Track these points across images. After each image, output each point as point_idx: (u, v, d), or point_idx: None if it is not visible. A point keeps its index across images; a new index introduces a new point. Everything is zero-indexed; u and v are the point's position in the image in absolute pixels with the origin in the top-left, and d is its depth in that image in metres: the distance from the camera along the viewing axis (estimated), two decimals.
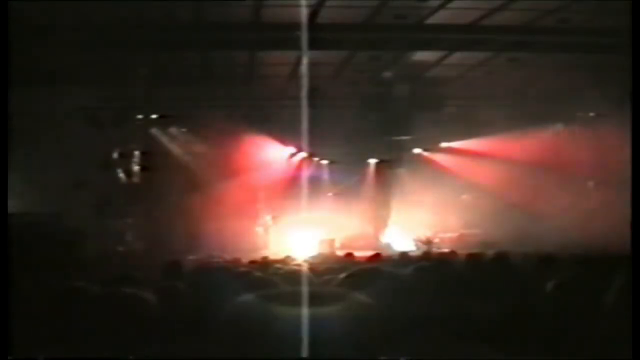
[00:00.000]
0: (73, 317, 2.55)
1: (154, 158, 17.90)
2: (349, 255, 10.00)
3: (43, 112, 15.63)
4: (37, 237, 11.10)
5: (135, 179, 17.63)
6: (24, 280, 3.81)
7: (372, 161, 19.56)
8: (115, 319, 2.51)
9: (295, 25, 13.19)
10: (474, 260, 7.66)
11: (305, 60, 15.61)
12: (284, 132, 18.10)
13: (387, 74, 17.19)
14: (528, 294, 3.14)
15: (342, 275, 2.35)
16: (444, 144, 19.49)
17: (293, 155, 19.14)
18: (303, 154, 19.16)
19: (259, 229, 18.28)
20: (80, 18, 12.64)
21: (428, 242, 17.15)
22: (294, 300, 1.55)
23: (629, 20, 5.47)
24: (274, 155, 18.92)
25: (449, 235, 18.12)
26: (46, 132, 15.84)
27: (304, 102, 19.27)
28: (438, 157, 19.50)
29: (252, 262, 9.42)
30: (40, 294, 3.16)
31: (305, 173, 19.18)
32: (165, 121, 18.08)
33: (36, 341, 2.40)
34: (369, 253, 10.84)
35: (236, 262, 9.97)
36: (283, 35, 13.70)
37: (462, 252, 11.39)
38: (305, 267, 5.72)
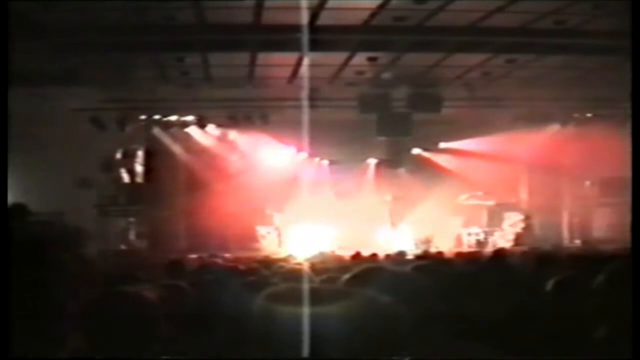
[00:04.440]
0: (75, 316, 2.57)
1: (156, 158, 17.97)
2: (356, 255, 10.03)
3: (46, 112, 15.67)
4: (40, 236, 11.13)
5: (138, 179, 17.70)
6: (26, 280, 3.84)
7: (372, 161, 19.59)
8: (116, 318, 2.53)
9: (295, 27, 13.29)
10: (473, 259, 7.72)
11: (306, 62, 15.68)
12: (284, 132, 18.13)
13: (387, 75, 17.23)
14: (526, 293, 3.18)
15: (347, 275, 2.39)
16: (443, 144, 19.54)
17: (294, 155, 19.18)
18: (303, 155, 19.19)
19: (260, 229, 18.29)
20: (82, 19, 12.67)
21: (427, 242, 17.19)
22: (296, 299, 1.57)
23: (626, 22, 5.52)
24: (274, 155, 18.96)
25: (448, 234, 18.16)
26: (49, 132, 15.88)
27: (305, 103, 19.48)
28: (437, 157, 19.56)
29: (254, 261, 9.46)
30: (43, 293, 3.18)
31: (306, 173, 19.21)
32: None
33: (37, 341, 2.42)
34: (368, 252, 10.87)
35: (238, 261, 10.00)
36: (284, 37, 13.75)
37: (461, 251, 11.48)
38: (306, 266, 5.77)
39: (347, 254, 11.16)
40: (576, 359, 2.41)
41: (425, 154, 19.66)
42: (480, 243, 17.93)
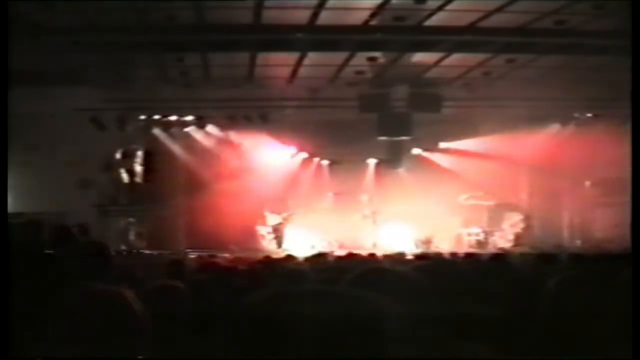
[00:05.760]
0: (74, 316, 2.56)
1: (156, 158, 17.98)
2: (350, 255, 10.03)
3: (46, 112, 15.69)
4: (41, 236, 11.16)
5: (138, 179, 17.71)
6: (26, 280, 3.84)
7: (372, 161, 19.60)
8: (115, 319, 2.53)
9: (295, 27, 13.33)
10: (472, 260, 7.72)
11: (306, 62, 15.71)
12: (284, 132, 18.14)
13: (387, 75, 17.25)
14: (526, 293, 3.18)
15: (349, 275, 2.39)
16: (443, 144, 19.56)
17: (294, 155, 19.19)
18: (304, 155, 19.20)
19: (261, 229, 18.31)
20: (82, 19, 12.68)
21: (427, 242, 17.21)
22: (296, 299, 1.57)
23: (626, 22, 5.53)
24: (275, 155, 18.96)
25: (448, 235, 18.18)
26: (49, 132, 15.90)
27: (305, 103, 19.27)
28: (437, 157, 19.56)
29: (255, 261, 9.46)
30: (43, 293, 3.17)
31: (306, 173, 19.23)
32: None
33: (37, 341, 2.41)
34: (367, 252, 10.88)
35: (238, 261, 10.00)
36: (284, 37, 13.77)
37: (460, 251, 11.50)
38: (306, 267, 5.76)
39: (347, 253, 11.15)
40: (576, 359, 2.41)
41: (425, 154, 19.66)
42: (480, 243, 17.94)
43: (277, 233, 18.14)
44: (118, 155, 17.78)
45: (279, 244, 17.85)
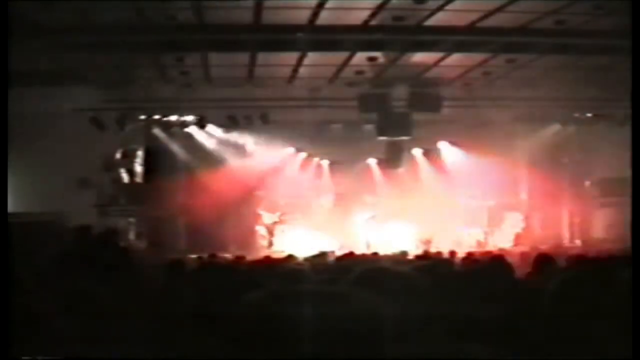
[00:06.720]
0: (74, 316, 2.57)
1: (156, 158, 17.98)
2: (351, 254, 10.05)
3: (45, 112, 15.68)
4: (41, 236, 11.19)
5: (138, 179, 17.71)
6: (27, 279, 3.85)
7: (372, 161, 19.60)
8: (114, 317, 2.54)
9: (295, 27, 13.32)
10: (472, 260, 7.74)
11: (306, 62, 15.70)
12: (285, 132, 18.14)
13: (387, 75, 17.23)
14: (525, 294, 3.18)
15: (350, 275, 2.39)
16: (443, 144, 19.56)
17: (294, 155, 19.19)
18: (304, 155, 19.20)
19: (260, 229, 18.32)
20: (82, 19, 12.67)
21: (427, 242, 17.21)
22: (296, 299, 1.57)
23: (626, 22, 5.54)
24: (275, 155, 18.96)
25: (448, 235, 18.19)
26: (49, 132, 15.90)
27: (305, 103, 19.21)
28: (437, 157, 19.57)
29: (255, 261, 9.48)
30: (43, 293, 3.19)
31: (306, 173, 19.23)
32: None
33: (37, 341, 2.42)
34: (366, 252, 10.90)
35: (239, 261, 10.02)
36: (284, 37, 13.76)
37: (460, 251, 11.51)
38: (307, 267, 5.76)
39: (347, 253, 11.16)
40: (576, 359, 2.41)
41: (425, 154, 19.66)
42: (480, 243, 17.95)
43: (273, 232, 18.17)
44: (118, 155, 17.78)
45: (274, 243, 17.87)
